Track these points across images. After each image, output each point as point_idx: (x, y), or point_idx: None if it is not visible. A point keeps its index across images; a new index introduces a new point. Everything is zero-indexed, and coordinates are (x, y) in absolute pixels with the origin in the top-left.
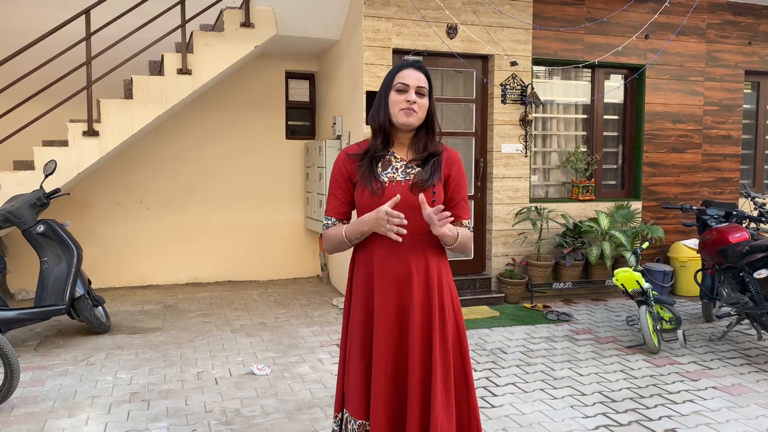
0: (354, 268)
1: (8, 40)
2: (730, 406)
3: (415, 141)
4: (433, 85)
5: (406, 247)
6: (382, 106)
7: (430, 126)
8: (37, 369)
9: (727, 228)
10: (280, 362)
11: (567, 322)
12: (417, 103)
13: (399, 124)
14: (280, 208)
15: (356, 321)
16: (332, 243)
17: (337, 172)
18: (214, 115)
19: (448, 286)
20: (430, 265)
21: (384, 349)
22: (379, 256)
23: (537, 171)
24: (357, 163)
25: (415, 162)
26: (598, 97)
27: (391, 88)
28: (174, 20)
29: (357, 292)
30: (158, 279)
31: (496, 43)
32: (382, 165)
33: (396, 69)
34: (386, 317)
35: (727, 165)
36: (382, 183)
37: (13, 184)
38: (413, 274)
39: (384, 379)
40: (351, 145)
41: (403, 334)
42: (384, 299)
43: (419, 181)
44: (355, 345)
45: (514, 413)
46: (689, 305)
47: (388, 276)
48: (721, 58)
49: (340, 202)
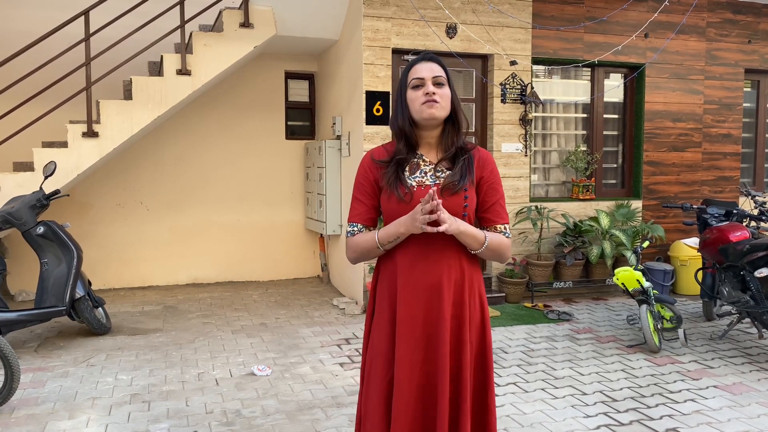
0: (378, 279)
1: (7, 41)
2: (731, 405)
3: (442, 138)
4: (450, 75)
5: (434, 254)
6: (400, 108)
7: (455, 119)
8: (37, 370)
9: (727, 227)
10: (280, 363)
11: (568, 321)
12: (437, 93)
13: (424, 119)
14: (280, 208)
15: (380, 336)
16: (360, 250)
17: (363, 176)
18: (213, 115)
19: (480, 297)
20: (462, 274)
21: (409, 367)
22: (405, 264)
23: (537, 170)
24: (383, 168)
25: (444, 163)
26: (597, 96)
27: (407, 87)
28: (173, 21)
29: (381, 305)
30: (159, 280)
31: (495, 42)
32: (410, 169)
33: (408, 67)
34: (412, 331)
35: (728, 163)
36: (410, 188)
37: (12, 185)
38: (443, 284)
39: (407, 400)
40: (377, 148)
41: (431, 351)
42: (410, 312)
43: (449, 183)
44: (377, 362)
45: (515, 413)
46: (690, 304)
47: (414, 286)
48: (721, 57)
49: (366, 207)
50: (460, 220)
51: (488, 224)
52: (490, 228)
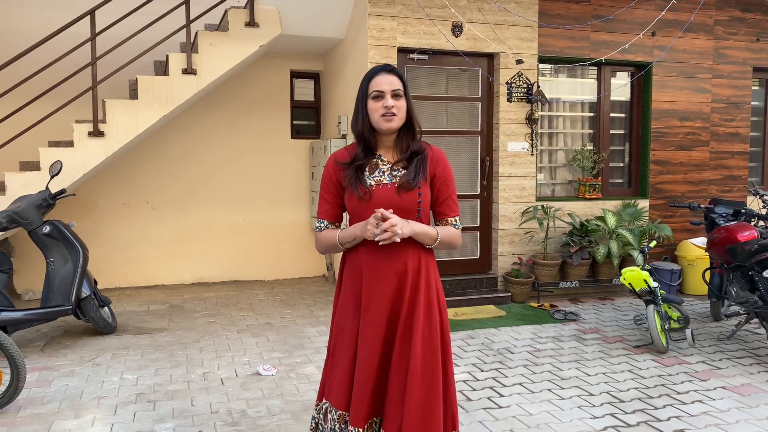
0: (344, 266)
1: (13, 41)
2: (739, 406)
3: (397, 142)
4: (407, 84)
5: (394, 247)
6: (360, 114)
7: (410, 125)
8: (43, 370)
9: (735, 226)
10: (286, 362)
11: (574, 321)
12: (395, 106)
13: (382, 130)
14: (285, 207)
15: (345, 317)
16: (325, 245)
17: (327, 178)
18: (219, 115)
19: (435, 284)
20: (416, 262)
21: (371, 345)
22: (368, 254)
23: (543, 169)
24: (345, 169)
25: (401, 163)
26: (604, 95)
27: (368, 97)
28: (179, 20)
29: (346, 289)
30: (164, 279)
31: (501, 41)
32: (370, 168)
33: (368, 77)
34: (375, 314)
35: (735, 162)
36: (369, 187)
37: (18, 185)
38: (403, 271)
39: (369, 374)
40: (340, 150)
41: (389, 331)
42: (373, 297)
43: (405, 182)
44: (343, 340)
45: (521, 414)
46: (697, 304)
47: (376, 274)
48: (729, 55)
49: (331, 205)
50: (413, 221)
51: (441, 217)
52: (442, 221)
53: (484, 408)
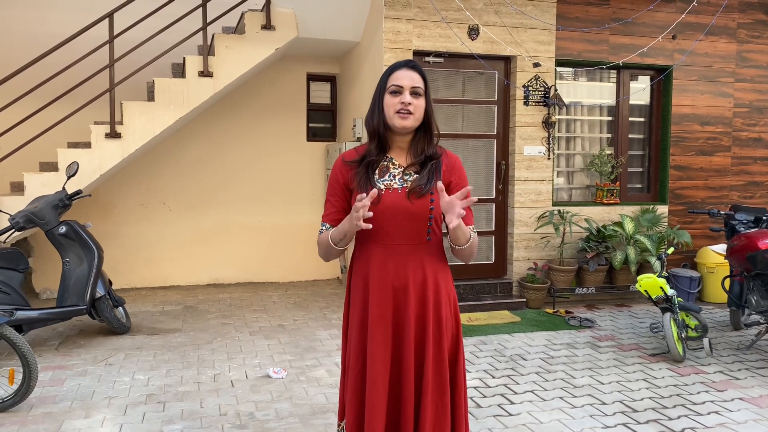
0: (351, 279)
1: (34, 43)
2: (757, 418)
3: (413, 144)
4: (429, 85)
5: (403, 257)
6: (376, 109)
7: (427, 127)
8: (57, 369)
9: (756, 234)
10: (296, 365)
11: (589, 328)
12: (413, 104)
13: (395, 127)
14: (300, 209)
15: (353, 333)
16: (323, 248)
17: (334, 179)
18: (235, 117)
19: (447, 297)
20: (427, 275)
21: (381, 363)
22: (376, 266)
23: (560, 174)
24: (354, 170)
25: (413, 167)
26: (623, 99)
27: (386, 91)
28: (196, 23)
29: (354, 304)
30: (180, 280)
31: (518, 44)
32: (380, 172)
33: (389, 70)
34: (382, 331)
35: (758, 168)
36: (378, 191)
37: (37, 185)
38: (410, 285)
39: (381, 394)
40: (348, 150)
41: (398, 348)
42: (380, 311)
43: (416, 187)
44: (352, 358)
45: (532, 422)
46: (717, 312)
47: (384, 288)
48: (752, 59)
49: (335, 209)
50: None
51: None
52: None
53: (494, 415)
